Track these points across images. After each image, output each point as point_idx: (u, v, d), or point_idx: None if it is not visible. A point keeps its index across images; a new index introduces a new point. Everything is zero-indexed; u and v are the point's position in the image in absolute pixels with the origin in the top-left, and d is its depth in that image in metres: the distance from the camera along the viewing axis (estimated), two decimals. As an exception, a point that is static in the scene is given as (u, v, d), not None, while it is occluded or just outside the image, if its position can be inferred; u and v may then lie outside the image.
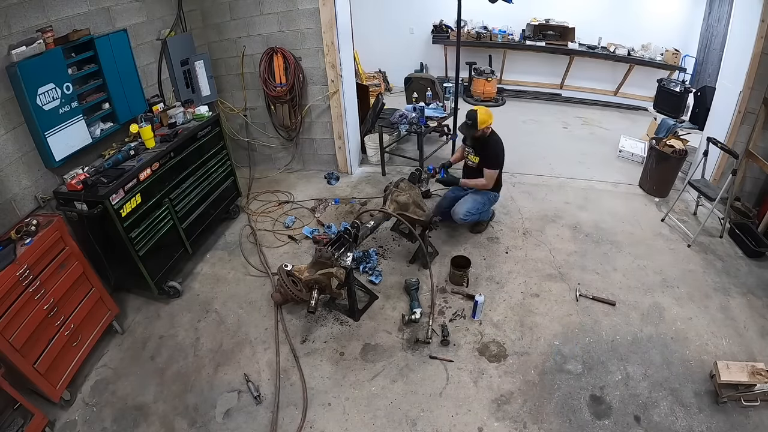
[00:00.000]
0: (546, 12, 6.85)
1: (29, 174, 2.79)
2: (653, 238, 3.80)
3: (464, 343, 2.87)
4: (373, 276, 3.39)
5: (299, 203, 4.45)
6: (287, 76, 4.42)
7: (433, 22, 7.25)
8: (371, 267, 3.46)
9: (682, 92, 5.24)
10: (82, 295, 2.76)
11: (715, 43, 5.59)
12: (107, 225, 2.81)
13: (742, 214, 3.91)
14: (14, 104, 2.67)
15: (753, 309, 3.08)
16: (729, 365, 2.45)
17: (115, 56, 3.25)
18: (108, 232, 2.85)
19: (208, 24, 4.50)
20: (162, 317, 3.22)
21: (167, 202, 3.23)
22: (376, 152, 5.04)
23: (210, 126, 3.69)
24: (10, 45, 2.61)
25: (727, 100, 3.96)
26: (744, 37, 3.72)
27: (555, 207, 4.23)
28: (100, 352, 2.95)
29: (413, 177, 3.59)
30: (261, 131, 4.95)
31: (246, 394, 2.63)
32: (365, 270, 3.45)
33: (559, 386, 2.59)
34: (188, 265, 3.66)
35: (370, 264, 3.48)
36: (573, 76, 7.09)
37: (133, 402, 2.63)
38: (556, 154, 5.24)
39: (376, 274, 3.40)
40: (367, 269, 3.45)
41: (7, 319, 2.23)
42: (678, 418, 2.40)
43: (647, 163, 4.49)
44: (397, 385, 2.63)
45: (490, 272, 3.45)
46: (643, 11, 6.50)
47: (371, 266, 3.47)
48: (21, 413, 2.25)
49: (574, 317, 3.04)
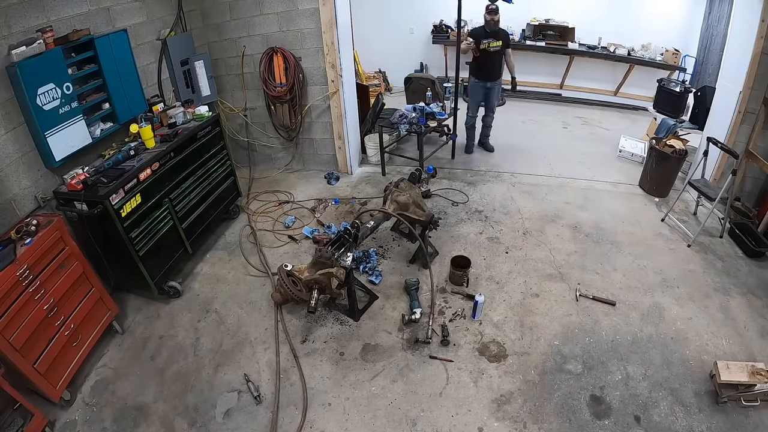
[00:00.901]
0: (546, 12, 6.85)
1: (29, 174, 2.79)
2: (653, 238, 3.80)
3: (464, 343, 2.87)
4: (373, 276, 3.39)
5: (299, 203, 4.45)
6: (287, 76, 4.42)
7: (433, 22, 7.25)
8: (371, 267, 3.46)
9: (682, 92, 5.24)
10: (82, 295, 2.76)
11: (715, 43, 5.59)
12: (107, 225, 2.81)
13: (742, 214, 3.91)
14: (14, 104, 2.67)
15: (753, 309, 3.08)
16: (729, 365, 2.45)
17: (115, 56, 3.25)
18: (108, 232, 2.85)
19: (208, 24, 4.50)
20: (162, 317, 3.22)
21: (167, 202, 3.23)
22: (376, 152, 5.04)
23: (210, 126, 3.69)
24: (10, 45, 2.61)
25: (727, 100, 3.96)
26: (744, 37, 3.72)
27: (555, 207, 4.23)
28: (100, 352, 2.95)
29: (413, 177, 3.60)
30: (261, 131, 4.95)
31: (246, 394, 2.63)
32: (365, 270, 3.45)
33: (559, 386, 2.59)
34: (188, 265, 3.66)
35: (370, 264, 3.48)
36: (573, 76, 7.09)
37: (133, 402, 2.63)
38: (556, 154, 5.24)
39: (376, 274, 3.40)
40: (367, 269, 3.45)
41: (7, 319, 2.23)
42: (678, 418, 2.40)
43: (647, 163, 4.49)
44: (397, 385, 2.63)
45: (490, 272, 3.45)
46: (643, 11, 6.50)
47: (371, 266, 3.47)
48: (21, 413, 2.25)
49: (574, 317, 3.04)
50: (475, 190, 4.55)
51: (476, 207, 4.26)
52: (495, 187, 4.58)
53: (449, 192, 4.52)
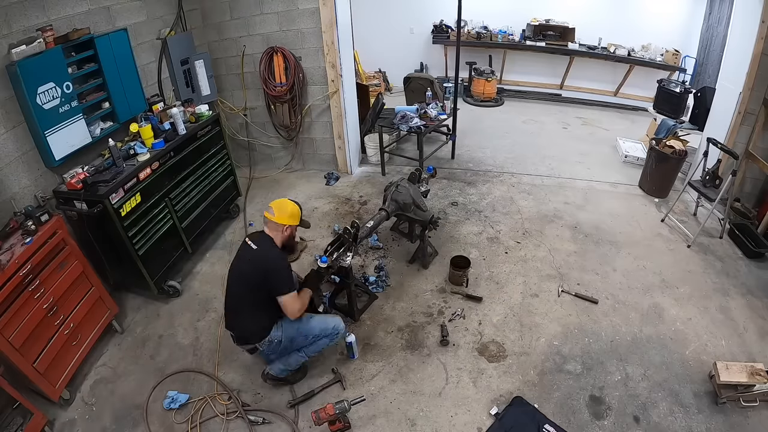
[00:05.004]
0: (546, 12, 6.85)
1: (29, 173, 2.79)
2: (653, 239, 3.80)
3: (463, 343, 2.87)
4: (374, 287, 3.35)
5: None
6: (287, 76, 4.42)
7: (433, 22, 7.25)
8: (383, 276, 3.43)
9: (682, 93, 5.24)
10: (82, 294, 2.76)
11: (716, 44, 5.58)
12: (107, 224, 2.81)
13: (742, 215, 3.92)
14: (14, 103, 2.67)
15: (752, 310, 3.08)
16: (728, 366, 2.45)
17: (115, 55, 3.25)
18: (108, 231, 2.85)
19: (209, 23, 4.50)
20: (162, 316, 3.22)
21: (167, 201, 3.23)
22: (376, 152, 5.04)
23: (210, 125, 3.69)
24: (10, 44, 2.61)
25: (727, 101, 3.96)
26: (744, 37, 3.72)
27: (555, 207, 4.23)
28: (100, 351, 2.95)
29: (413, 177, 3.59)
30: (261, 131, 4.95)
31: (245, 393, 2.63)
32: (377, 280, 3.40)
33: (559, 386, 2.59)
34: (188, 265, 3.66)
35: (383, 272, 3.46)
36: (573, 77, 7.09)
37: (133, 401, 2.63)
38: (555, 155, 5.24)
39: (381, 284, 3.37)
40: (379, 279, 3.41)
41: (7, 318, 2.23)
42: (677, 419, 2.40)
43: (647, 164, 4.49)
44: (397, 384, 2.63)
45: (489, 272, 3.45)
46: (643, 12, 6.51)
47: (383, 275, 3.44)
48: (20, 412, 2.25)
49: (573, 317, 3.04)
50: (475, 190, 4.55)
51: (476, 207, 4.26)
52: (495, 187, 4.58)
53: (449, 192, 4.52)
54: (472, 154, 5.33)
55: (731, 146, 3.79)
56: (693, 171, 4.02)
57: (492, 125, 6.18)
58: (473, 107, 6.98)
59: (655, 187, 4.41)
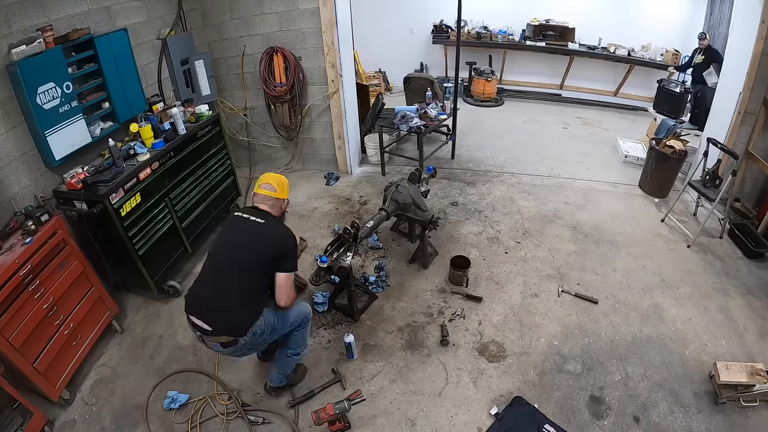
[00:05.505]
0: (546, 12, 6.86)
1: (29, 173, 2.79)
2: (653, 239, 3.80)
3: (463, 343, 2.87)
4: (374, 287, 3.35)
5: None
6: (287, 76, 4.42)
7: (433, 22, 7.26)
8: (382, 276, 3.43)
9: (682, 93, 5.25)
10: (82, 294, 2.76)
11: (716, 44, 5.59)
12: (107, 224, 2.81)
13: (742, 215, 3.92)
14: (14, 103, 2.66)
15: (752, 310, 3.08)
16: (728, 366, 2.45)
17: (115, 55, 3.24)
18: (108, 231, 2.85)
19: (209, 23, 4.50)
20: (162, 316, 3.22)
21: (167, 201, 3.23)
22: (376, 152, 5.04)
23: (210, 125, 3.69)
24: (10, 44, 2.60)
25: (727, 101, 3.96)
26: (744, 38, 3.72)
27: (555, 207, 4.23)
28: (100, 352, 2.95)
29: (413, 177, 3.59)
30: (261, 131, 4.95)
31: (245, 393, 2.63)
32: (377, 280, 3.40)
33: (559, 386, 2.59)
34: (188, 265, 3.66)
35: (383, 272, 3.45)
36: (573, 77, 7.09)
37: (133, 401, 2.63)
38: (555, 155, 5.24)
39: (381, 284, 3.37)
40: (379, 279, 3.41)
41: (7, 318, 2.23)
42: (677, 419, 2.40)
43: (647, 164, 4.49)
44: (397, 385, 2.63)
45: (489, 272, 3.45)
46: (643, 12, 6.51)
47: (383, 275, 3.43)
48: (20, 412, 2.25)
49: (573, 317, 3.04)
50: (475, 190, 4.55)
51: (476, 207, 4.26)
52: (495, 187, 4.58)
53: (449, 192, 4.52)
54: (472, 154, 5.33)
55: (731, 146, 3.79)
56: (693, 171, 4.02)
57: (492, 125, 6.18)
58: (473, 107, 6.98)
59: (655, 187, 4.41)
